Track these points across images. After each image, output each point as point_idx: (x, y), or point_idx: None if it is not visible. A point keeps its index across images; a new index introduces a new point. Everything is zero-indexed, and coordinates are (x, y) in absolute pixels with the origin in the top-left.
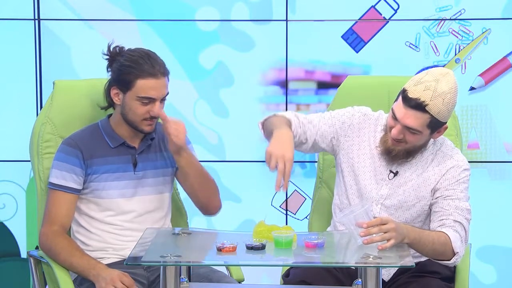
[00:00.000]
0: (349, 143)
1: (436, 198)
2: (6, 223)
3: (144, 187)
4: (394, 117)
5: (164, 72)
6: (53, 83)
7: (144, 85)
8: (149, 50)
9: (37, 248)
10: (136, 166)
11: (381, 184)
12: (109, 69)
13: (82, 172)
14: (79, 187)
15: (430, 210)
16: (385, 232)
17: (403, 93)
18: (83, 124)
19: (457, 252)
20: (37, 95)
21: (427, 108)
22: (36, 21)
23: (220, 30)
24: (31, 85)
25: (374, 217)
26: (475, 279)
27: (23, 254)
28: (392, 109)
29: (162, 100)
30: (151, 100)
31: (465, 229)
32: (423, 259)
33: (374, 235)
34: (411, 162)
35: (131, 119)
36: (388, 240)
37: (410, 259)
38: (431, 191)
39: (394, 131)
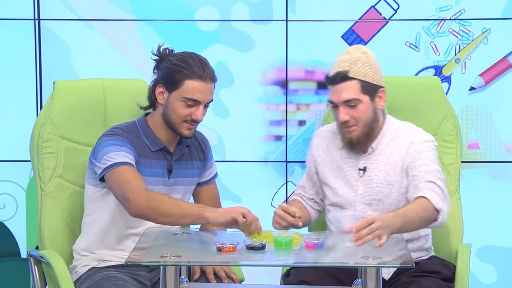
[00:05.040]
0: (321, 166)
1: (409, 176)
2: (6, 223)
3: (173, 194)
4: (334, 105)
5: (213, 78)
6: (53, 83)
7: (192, 86)
8: (201, 55)
9: (37, 248)
10: (170, 173)
11: (356, 185)
12: (155, 70)
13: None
14: None
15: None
16: (375, 230)
17: (326, 79)
18: (83, 124)
19: (440, 209)
20: (37, 95)
21: (350, 74)
22: (36, 21)
23: (220, 30)
24: (31, 85)
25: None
26: (475, 279)
27: (23, 254)
28: (328, 101)
29: (206, 106)
30: (195, 103)
31: (440, 187)
32: (424, 258)
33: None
34: (374, 153)
35: (173, 120)
36: (379, 237)
37: (410, 259)
38: (401, 172)
39: (340, 116)
